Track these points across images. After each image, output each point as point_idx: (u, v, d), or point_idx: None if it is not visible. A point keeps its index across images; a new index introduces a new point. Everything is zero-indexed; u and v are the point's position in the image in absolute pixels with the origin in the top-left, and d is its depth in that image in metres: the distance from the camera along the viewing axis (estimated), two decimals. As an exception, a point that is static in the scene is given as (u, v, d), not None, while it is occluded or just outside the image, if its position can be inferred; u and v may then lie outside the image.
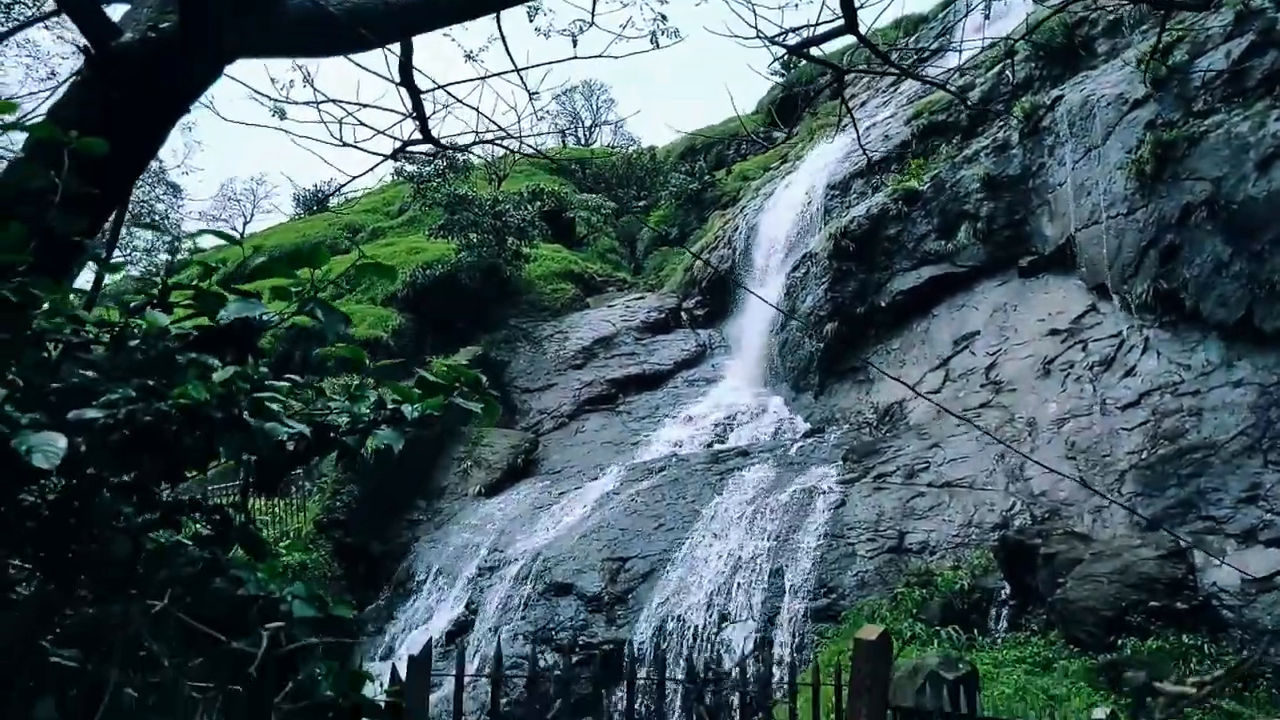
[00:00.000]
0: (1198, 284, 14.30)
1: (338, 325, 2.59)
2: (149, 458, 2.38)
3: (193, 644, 2.35)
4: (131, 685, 2.35)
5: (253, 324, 2.50)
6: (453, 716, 4.94)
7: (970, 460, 16.15)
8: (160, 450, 2.32)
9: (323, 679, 2.48)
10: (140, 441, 2.25)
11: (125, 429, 2.22)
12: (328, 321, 2.56)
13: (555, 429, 22.23)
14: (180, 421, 2.22)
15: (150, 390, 2.22)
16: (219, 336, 2.44)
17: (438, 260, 24.66)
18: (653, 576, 15.63)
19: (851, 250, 20.79)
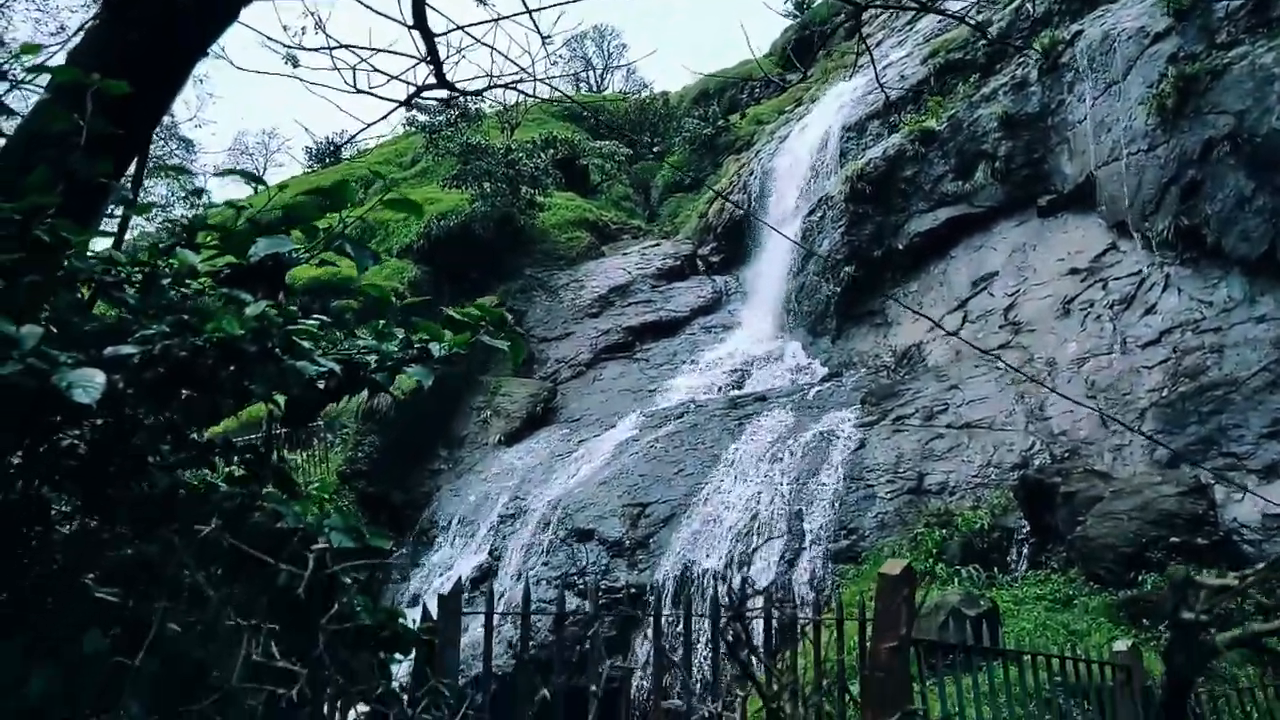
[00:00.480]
0: (1220, 219, 14.13)
1: (367, 260, 2.60)
2: (185, 395, 2.40)
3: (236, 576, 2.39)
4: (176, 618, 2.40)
5: (283, 260, 2.51)
6: (482, 655, 5.02)
7: (989, 401, 16.14)
8: (196, 386, 2.34)
9: (361, 610, 2.52)
10: (175, 378, 2.27)
11: (160, 366, 2.25)
12: (357, 257, 2.57)
13: (573, 377, 22.30)
14: (215, 356, 2.24)
15: (184, 326, 2.24)
16: (249, 273, 2.45)
17: (452, 211, 24.59)
18: (673, 521, 15.76)
19: (868, 193, 20.61)
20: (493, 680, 5.31)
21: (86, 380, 2.14)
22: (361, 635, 2.50)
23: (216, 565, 2.38)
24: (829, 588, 13.85)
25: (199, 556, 2.38)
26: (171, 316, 2.26)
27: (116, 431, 2.42)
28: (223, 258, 2.50)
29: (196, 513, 2.38)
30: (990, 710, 6.60)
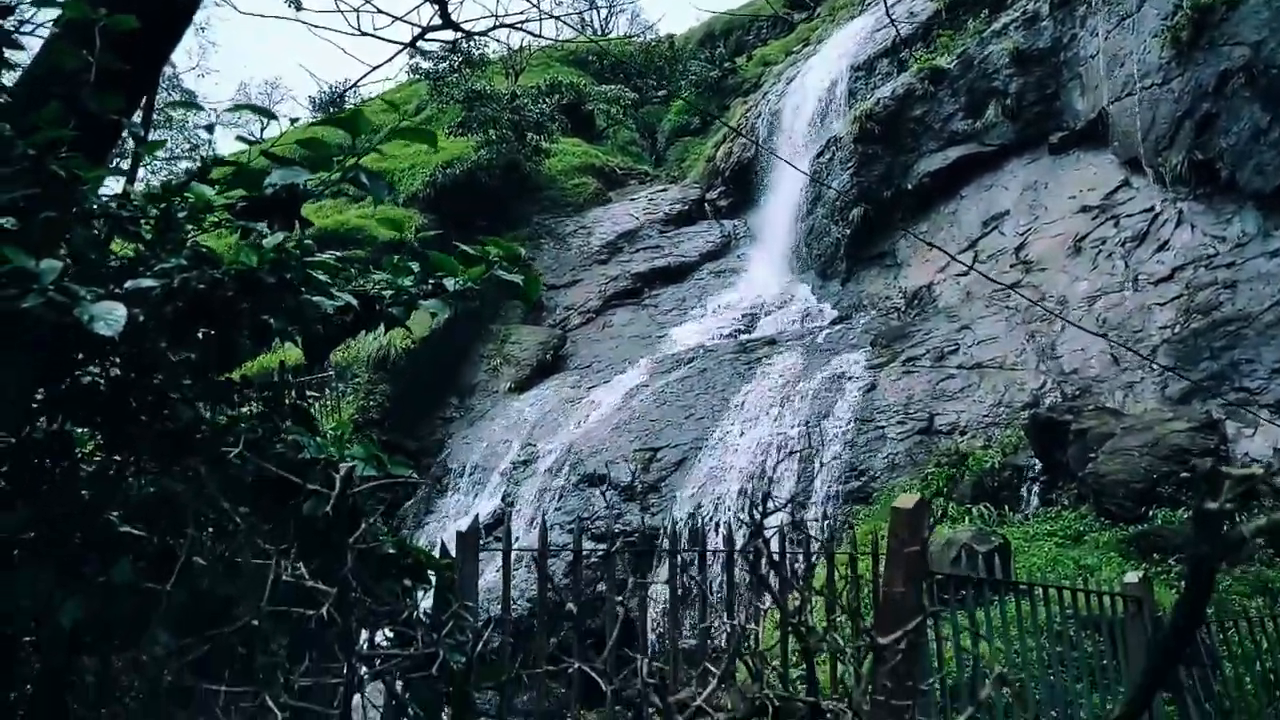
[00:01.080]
0: (1234, 153, 13.96)
1: (382, 191, 2.59)
2: (204, 329, 2.42)
3: (260, 506, 2.43)
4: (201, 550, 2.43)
5: (298, 192, 2.51)
6: (501, 590, 5.10)
7: (1000, 341, 16.11)
8: (215, 320, 2.35)
9: (384, 537, 2.56)
10: (195, 311, 2.28)
11: (180, 299, 2.26)
12: (373, 188, 2.56)
13: (582, 324, 22.29)
14: (234, 288, 2.25)
15: (202, 259, 2.25)
16: (265, 206, 2.45)
17: (457, 159, 24.41)
18: (685, 465, 15.84)
19: (877, 133, 20.39)
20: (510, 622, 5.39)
21: (108, 313, 2.15)
22: (386, 563, 2.54)
23: (241, 497, 2.41)
24: (841, 528, 13.94)
25: (223, 487, 2.41)
26: (189, 250, 2.27)
27: (138, 366, 2.44)
28: (237, 192, 2.50)
29: (219, 446, 2.40)
30: (1003, 643, 6.68)
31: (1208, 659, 7.88)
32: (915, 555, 5.50)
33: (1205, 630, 8.84)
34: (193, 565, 2.41)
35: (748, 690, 1.81)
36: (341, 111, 3.15)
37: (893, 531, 5.56)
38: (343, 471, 1.95)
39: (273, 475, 2.34)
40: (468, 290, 3.15)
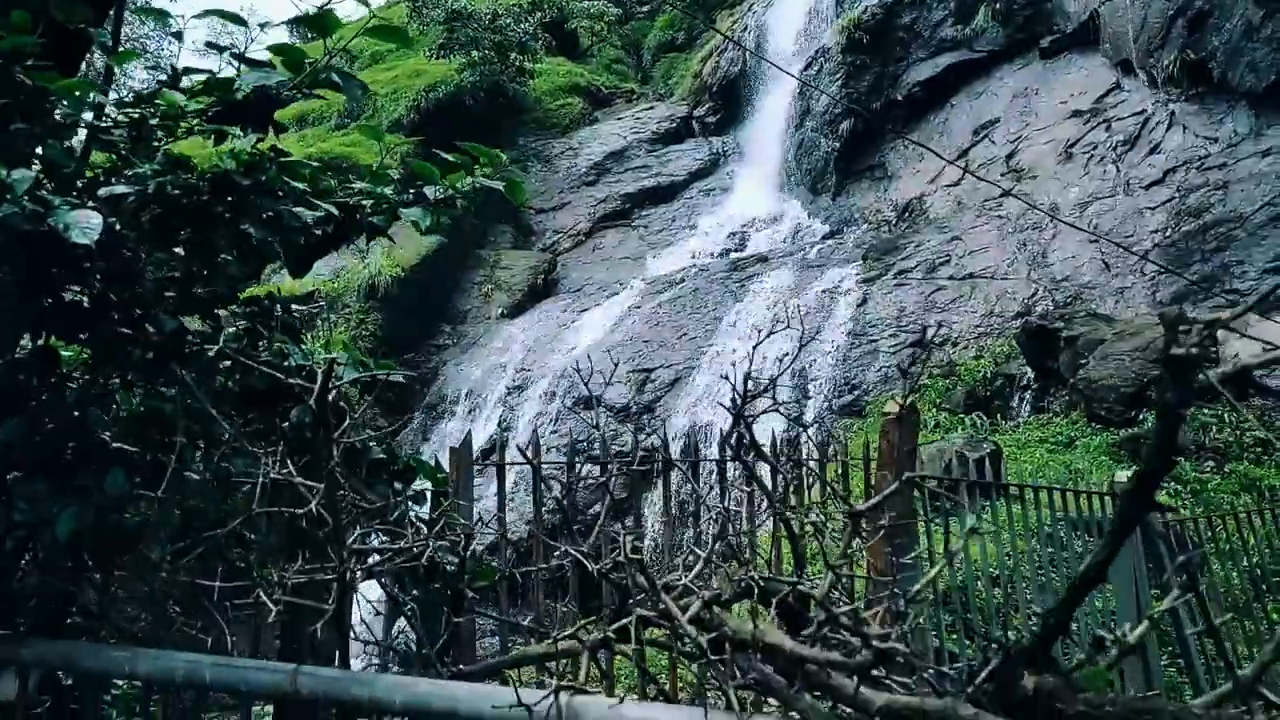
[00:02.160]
0: (1227, 51, 13.77)
1: (355, 91, 2.54)
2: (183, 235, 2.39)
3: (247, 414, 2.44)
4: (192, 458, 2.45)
5: (270, 95, 2.46)
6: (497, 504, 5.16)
7: (991, 251, 16.07)
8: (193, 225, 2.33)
9: (374, 445, 2.57)
10: (172, 217, 2.26)
11: (156, 204, 2.23)
12: (346, 86, 2.52)
13: (572, 248, 22.17)
14: (208, 191, 2.22)
15: (176, 163, 2.22)
16: (237, 110, 2.41)
17: (440, 82, 23.97)
18: (678, 385, 15.90)
19: (865, 43, 20.05)
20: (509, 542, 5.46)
21: (84, 222, 2.13)
22: (376, 467, 2.56)
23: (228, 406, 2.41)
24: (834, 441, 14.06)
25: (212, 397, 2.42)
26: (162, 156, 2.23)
27: (119, 278, 2.42)
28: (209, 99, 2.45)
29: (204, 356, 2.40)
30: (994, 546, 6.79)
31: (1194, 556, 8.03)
32: (905, 457, 5.56)
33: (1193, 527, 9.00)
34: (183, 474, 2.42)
35: (733, 573, 1.84)
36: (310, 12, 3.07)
37: (883, 434, 5.63)
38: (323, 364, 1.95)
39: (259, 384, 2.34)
40: (449, 198, 3.12)
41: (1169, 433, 1.22)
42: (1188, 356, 1.17)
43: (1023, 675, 1.25)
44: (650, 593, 1.63)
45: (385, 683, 1.91)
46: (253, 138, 2.29)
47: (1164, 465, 1.25)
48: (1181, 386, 1.18)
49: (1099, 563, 1.27)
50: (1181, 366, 1.18)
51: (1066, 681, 1.21)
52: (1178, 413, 1.20)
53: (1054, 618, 1.28)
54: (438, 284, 20.16)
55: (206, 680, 2.12)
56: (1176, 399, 1.19)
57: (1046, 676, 1.23)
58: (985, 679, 1.30)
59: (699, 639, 1.53)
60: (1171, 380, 1.19)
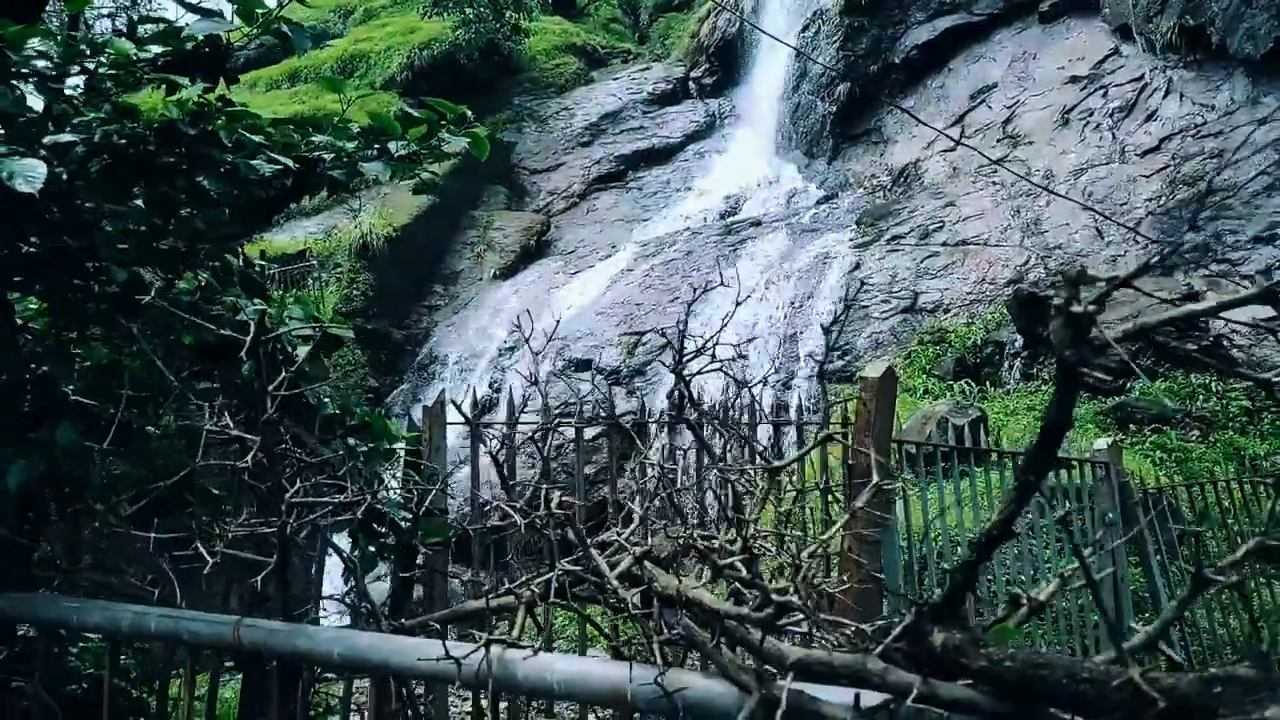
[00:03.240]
0: (1226, 17, 13.63)
1: (305, 42, 2.51)
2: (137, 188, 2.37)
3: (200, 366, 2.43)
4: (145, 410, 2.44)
5: (220, 46, 2.43)
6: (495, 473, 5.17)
7: (985, 217, 16.00)
8: (145, 176, 2.31)
9: (327, 400, 2.57)
10: (119, 166, 2.23)
11: (105, 154, 2.20)
12: (296, 38, 2.48)
13: (566, 209, 22.07)
14: (155, 142, 2.20)
15: (123, 112, 2.19)
16: (186, 60, 2.37)
17: (434, 40, 23.74)
18: (670, 348, 15.88)
19: (863, 4, 19.83)
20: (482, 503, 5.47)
21: (28, 170, 2.11)
22: (330, 422, 2.55)
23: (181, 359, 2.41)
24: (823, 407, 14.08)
25: (165, 350, 2.41)
26: (109, 105, 2.21)
27: (72, 227, 2.40)
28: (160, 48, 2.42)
29: (159, 307, 2.38)
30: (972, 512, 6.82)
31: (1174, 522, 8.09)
32: (883, 423, 5.56)
33: (1172, 493, 9.06)
34: (133, 427, 2.42)
35: (673, 532, 1.84)
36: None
37: (861, 400, 5.62)
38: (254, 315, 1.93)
39: (211, 339, 2.33)
40: (414, 154, 3.09)
41: (1068, 391, 1.22)
42: (1086, 313, 1.16)
43: (932, 631, 1.26)
44: (580, 548, 1.63)
45: (325, 636, 1.92)
46: (199, 87, 2.26)
47: (1063, 423, 1.25)
48: (1079, 345, 1.18)
49: (1003, 520, 1.27)
50: (1080, 323, 1.17)
51: (971, 638, 1.21)
52: (1076, 371, 1.20)
53: (960, 576, 1.28)
54: (430, 244, 20.08)
55: (152, 630, 2.13)
56: (1075, 358, 1.19)
57: (954, 633, 1.24)
58: (898, 635, 1.30)
59: (625, 594, 1.54)
60: (1070, 339, 1.19)
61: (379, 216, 19.12)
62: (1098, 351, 1.18)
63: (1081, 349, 1.17)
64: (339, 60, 24.55)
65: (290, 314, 2.44)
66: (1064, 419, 1.23)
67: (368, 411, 2.67)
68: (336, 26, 27.82)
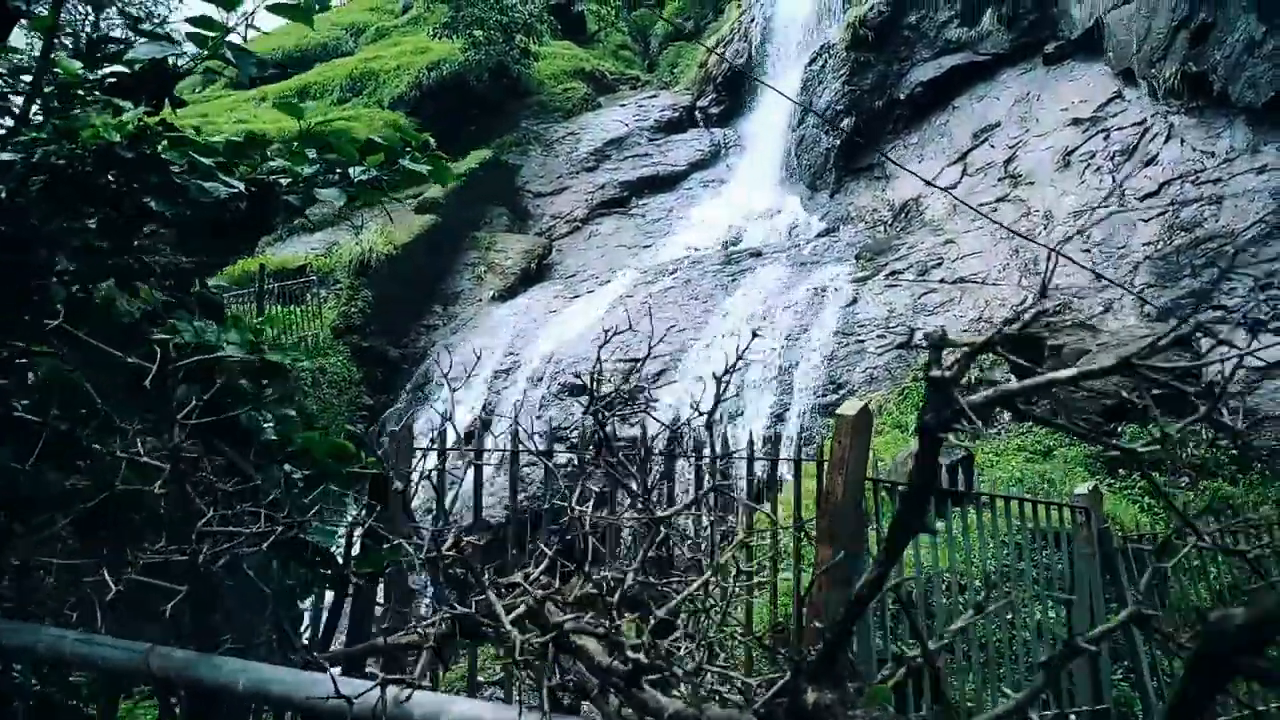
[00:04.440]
0: (1228, 65, 13.68)
1: (250, 67, 2.51)
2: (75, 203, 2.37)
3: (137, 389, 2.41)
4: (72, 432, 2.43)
5: (168, 70, 2.43)
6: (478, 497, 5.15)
7: (984, 255, 16.00)
8: (82, 195, 2.30)
9: (266, 426, 2.55)
10: (58, 185, 2.23)
11: (43, 173, 2.20)
12: (240, 62, 2.48)
13: (568, 233, 22.12)
14: (93, 162, 2.20)
15: (62, 133, 2.19)
16: (132, 82, 2.38)
17: (444, 60, 23.92)
18: (664, 376, 15.89)
19: (870, 40, 19.96)
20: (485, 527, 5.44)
21: (-37, 188, 2.10)
22: (268, 449, 2.53)
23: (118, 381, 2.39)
24: (816, 439, 14.05)
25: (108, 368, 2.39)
26: (50, 124, 2.21)
27: (11, 243, 2.40)
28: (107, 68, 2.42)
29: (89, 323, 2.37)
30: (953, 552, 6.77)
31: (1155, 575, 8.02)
32: (856, 461, 5.54)
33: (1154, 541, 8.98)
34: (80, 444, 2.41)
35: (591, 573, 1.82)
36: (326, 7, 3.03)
37: (836, 438, 5.59)
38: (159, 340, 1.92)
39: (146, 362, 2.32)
40: (375, 180, 3.09)
41: (929, 453, 1.20)
42: (946, 378, 1.15)
43: (806, 690, 1.24)
44: (477, 589, 1.61)
45: (231, 666, 1.90)
46: (139, 110, 2.26)
47: (927, 484, 1.23)
48: (940, 407, 1.16)
49: (872, 581, 1.25)
50: (941, 387, 1.15)
51: (841, 698, 1.19)
52: (936, 434, 1.18)
53: (832, 635, 1.26)
54: (431, 263, 20.13)
55: (67, 655, 2.11)
56: (935, 420, 1.17)
57: (825, 693, 1.21)
58: (778, 692, 1.28)
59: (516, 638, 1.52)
60: (931, 401, 1.17)
61: (380, 234, 19.18)
62: (958, 415, 1.16)
63: (942, 412, 1.15)
64: (349, 78, 24.74)
65: (229, 339, 2.43)
66: (927, 480, 1.21)
67: (313, 437, 2.66)
68: (348, 44, 28.04)
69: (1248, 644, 0.68)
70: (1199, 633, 0.72)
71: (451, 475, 12.65)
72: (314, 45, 28.16)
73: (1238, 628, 0.69)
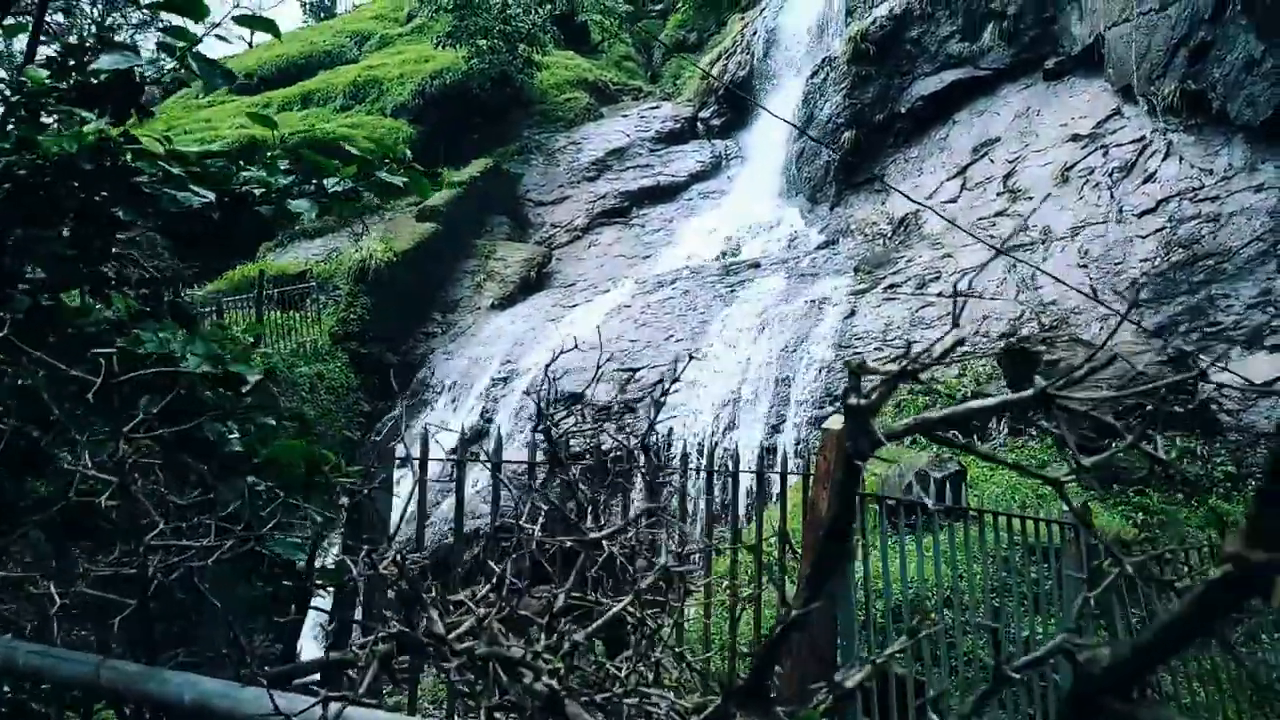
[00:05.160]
0: (1227, 83, 13.69)
1: (216, 78, 2.51)
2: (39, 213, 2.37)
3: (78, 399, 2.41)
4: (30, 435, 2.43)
5: (134, 81, 2.43)
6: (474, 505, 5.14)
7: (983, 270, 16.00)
8: (49, 206, 2.31)
9: (232, 438, 2.55)
10: (22, 195, 2.24)
11: (8, 182, 2.21)
12: (206, 75, 2.48)
13: (568, 242, 22.15)
14: (53, 173, 2.20)
15: (23, 144, 2.19)
16: (97, 92, 2.38)
17: (447, 69, 23.98)
18: (661, 386, 15.87)
19: (872, 54, 19.99)
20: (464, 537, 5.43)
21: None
22: (234, 460, 2.53)
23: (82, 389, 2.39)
24: (812, 452, 14.02)
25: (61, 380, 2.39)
26: (13, 135, 2.21)
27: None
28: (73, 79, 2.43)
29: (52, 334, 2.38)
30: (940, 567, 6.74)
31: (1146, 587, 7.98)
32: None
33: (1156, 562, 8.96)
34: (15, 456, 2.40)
35: (537, 592, 1.81)
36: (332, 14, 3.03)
37: (822, 452, 5.58)
38: (102, 353, 1.92)
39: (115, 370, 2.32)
40: (350, 191, 3.09)
41: (848, 482, 1.20)
42: (863, 406, 1.14)
43: (735, 715, 1.23)
44: (419, 607, 1.60)
45: (177, 680, 1.89)
46: (101, 122, 2.26)
47: (848, 513, 1.23)
48: (858, 436, 1.16)
49: (800, 608, 1.24)
50: (859, 416, 1.15)
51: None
52: (854, 463, 1.18)
53: (760, 661, 1.25)
54: (431, 271, 20.15)
55: (20, 666, 2.10)
56: (854, 449, 1.17)
57: (754, 718, 1.21)
58: (708, 717, 1.27)
59: (452, 659, 1.51)
60: (849, 429, 1.17)
61: (381, 241, 19.20)
62: (876, 444, 1.16)
63: (860, 441, 1.15)
64: (352, 85, 24.82)
65: (192, 350, 2.43)
66: (846, 510, 1.20)
67: (295, 446, 2.65)
68: (352, 52, 28.12)
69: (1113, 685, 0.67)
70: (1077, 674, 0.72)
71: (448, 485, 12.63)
72: (318, 52, 28.26)
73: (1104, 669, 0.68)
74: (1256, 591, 0.65)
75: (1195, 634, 0.68)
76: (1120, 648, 0.69)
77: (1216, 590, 0.65)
